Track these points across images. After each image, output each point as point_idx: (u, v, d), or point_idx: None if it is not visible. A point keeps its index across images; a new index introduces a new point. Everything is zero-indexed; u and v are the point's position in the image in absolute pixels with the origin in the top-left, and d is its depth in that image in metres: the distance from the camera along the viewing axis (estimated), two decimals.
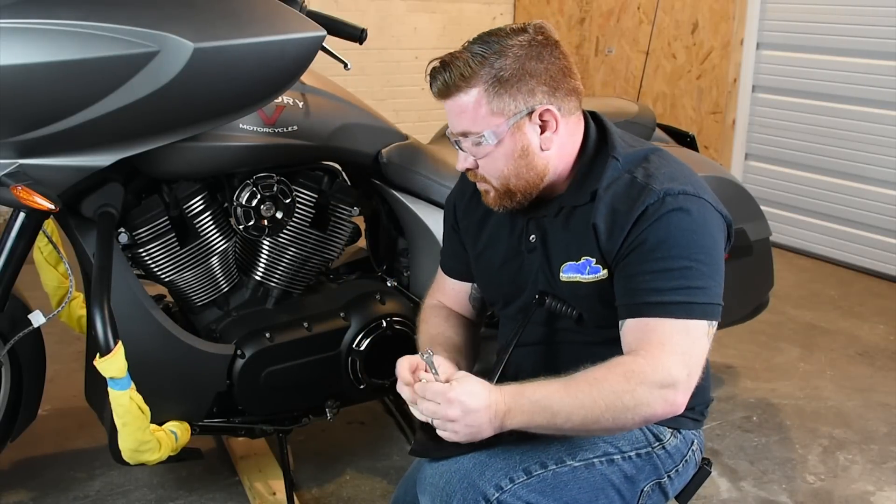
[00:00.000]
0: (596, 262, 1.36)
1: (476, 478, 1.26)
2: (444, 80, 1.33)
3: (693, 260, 1.29)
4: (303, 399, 2.05)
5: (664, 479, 1.44)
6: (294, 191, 1.98)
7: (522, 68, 1.32)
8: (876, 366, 2.94)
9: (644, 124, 2.43)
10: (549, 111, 1.35)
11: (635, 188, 1.34)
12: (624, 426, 1.25)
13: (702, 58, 4.48)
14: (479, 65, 1.31)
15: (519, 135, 1.34)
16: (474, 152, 1.37)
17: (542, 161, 1.37)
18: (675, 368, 1.24)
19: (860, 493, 2.17)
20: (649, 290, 1.29)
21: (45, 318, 1.85)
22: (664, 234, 1.29)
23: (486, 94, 1.31)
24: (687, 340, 1.27)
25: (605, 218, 1.34)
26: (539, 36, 1.35)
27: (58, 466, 2.21)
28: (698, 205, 1.32)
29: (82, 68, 1.46)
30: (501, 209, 1.43)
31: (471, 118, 1.33)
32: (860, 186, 3.94)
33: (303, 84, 1.94)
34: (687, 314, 1.27)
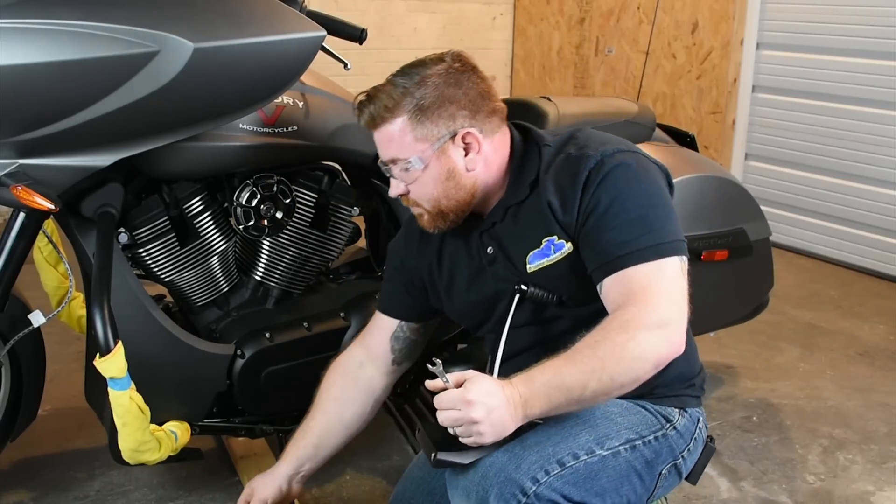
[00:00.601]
0: (558, 238, 1.42)
1: (512, 471, 1.27)
2: (370, 112, 1.42)
3: (647, 206, 1.37)
4: (303, 399, 2.04)
5: (679, 460, 1.48)
6: (294, 191, 1.98)
7: (442, 95, 1.41)
8: (876, 366, 2.94)
9: (644, 124, 2.43)
10: (470, 133, 1.43)
11: (572, 161, 1.43)
12: (639, 376, 1.28)
13: (702, 58, 4.48)
14: (401, 95, 1.40)
15: (444, 158, 1.43)
16: (404, 178, 1.45)
17: (470, 180, 1.46)
18: (664, 307, 1.30)
19: (860, 493, 2.17)
20: (617, 244, 1.35)
21: (45, 318, 1.85)
22: (614, 191, 1.37)
23: (410, 122, 1.41)
24: (665, 279, 1.33)
25: (555, 194, 1.42)
26: (456, 63, 1.44)
27: (58, 466, 2.21)
28: (635, 158, 1.42)
29: (82, 68, 1.46)
30: (436, 230, 1.50)
31: (397, 146, 1.42)
32: (860, 186, 3.94)
33: (303, 84, 1.94)
34: (658, 255, 1.34)
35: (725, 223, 2.37)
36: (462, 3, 5.42)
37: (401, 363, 1.71)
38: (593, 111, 2.36)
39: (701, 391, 1.56)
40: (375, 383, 1.69)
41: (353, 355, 1.70)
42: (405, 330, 1.68)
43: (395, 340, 1.69)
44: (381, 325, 1.69)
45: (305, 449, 1.64)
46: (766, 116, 4.33)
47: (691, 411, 1.51)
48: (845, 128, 3.96)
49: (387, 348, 1.68)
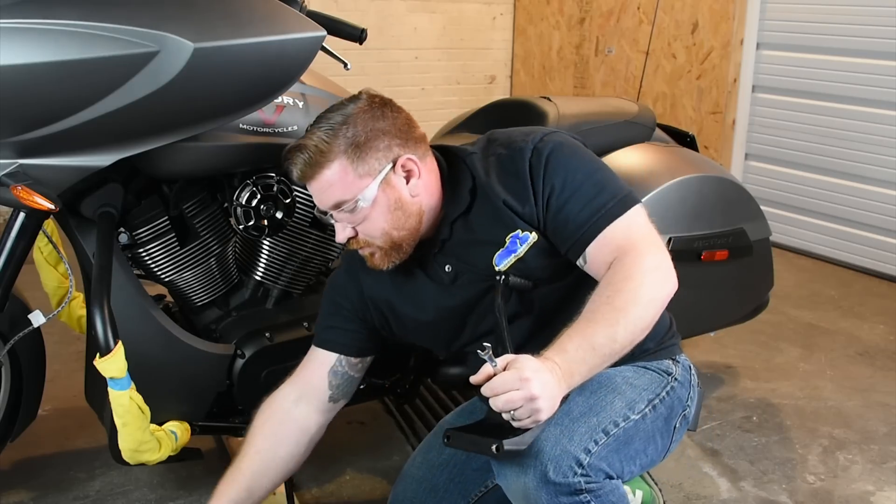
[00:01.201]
0: (523, 231, 1.45)
1: (567, 443, 1.30)
2: (304, 162, 1.43)
3: (593, 171, 1.45)
4: None
5: (687, 410, 1.54)
6: (294, 191, 1.98)
7: (373, 129, 1.43)
8: (876, 366, 2.94)
9: (644, 124, 2.43)
10: (409, 160, 1.46)
11: (506, 158, 1.49)
12: (655, 316, 1.35)
13: (702, 58, 4.48)
14: (332, 138, 1.42)
15: (389, 189, 1.45)
16: (352, 220, 1.46)
17: (416, 206, 1.48)
18: (652, 250, 1.38)
19: (860, 493, 2.17)
20: (585, 214, 1.41)
21: (45, 318, 1.85)
22: (561, 170, 1.44)
23: (349, 160, 1.42)
24: (639, 227, 1.42)
25: (507, 192, 1.46)
26: (375, 99, 1.47)
27: (58, 466, 2.21)
28: (560, 135, 1.50)
29: (82, 68, 1.46)
30: (391, 265, 1.50)
31: (340, 188, 1.43)
32: (860, 186, 3.94)
33: (303, 84, 1.94)
34: (623, 208, 1.42)
35: (725, 223, 2.37)
36: (462, 3, 5.42)
37: (337, 400, 1.66)
38: (593, 111, 2.36)
39: (677, 336, 1.62)
40: (311, 421, 1.64)
41: (287, 393, 1.64)
42: (344, 365, 1.65)
43: (334, 375, 1.65)
44: (319, 359, 1.65)
45: (238, 493, 1.55)
46: (766, 116, 4.33)
47: (681, 359, 1.57)
48: (845, 128, 3.96)
49: (324, 384, 1.64)
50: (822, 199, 4.11)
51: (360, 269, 1.61)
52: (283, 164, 1.47)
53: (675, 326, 1.63)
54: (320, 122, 1.45)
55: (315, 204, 1.50)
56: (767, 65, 4.28)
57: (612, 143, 2.31)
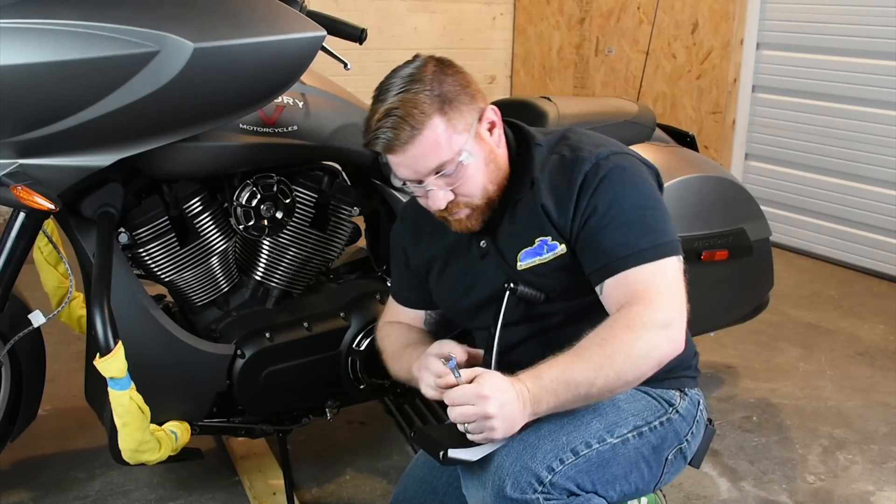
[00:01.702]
0: (552, 239, 1.42)
1: (528, 460, 1.28)
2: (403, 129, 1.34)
3: (644, 207, 1.38)
4: (303, 399, 2.05)
5: (683, 444, 1.49)
6: (294, 191, 1.98)
7: (454, 83, 1.39)
8: (876, 366, 2.94)
9: (644, 124, 2.43)
10: (492, 110, 1.43)
11: (567, 163, 1.43)
12: (643, 374, 1.30)
13: (702, 58, 4.48)
14: (423, 98, 1.34)
15: (481, 142, 1.41)
16: (452, 181, 1.40)
17: (503, 158, 1.46)
18: (667, 306, 1.32)
19: (860, 493, 2.17)
20: (617, 246, 1.35)
21: (45, 318, 1.85)
22: (611, 194, 1.38)
23: (445, 117, 1.36)
24: (666, 279, 1.35)
25: (550, 195, 1.42)
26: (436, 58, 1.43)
27: (58, 466, 2.21)
28: (628, 160, 1.43)
29: (82, 68, 1.46)
30: (481, 224, 1.47)
31: (441, 149, 1.36)
32: (860, 186, 3.94)
33: (303, 84, 1.94)
34: (657, 255, 1.35)
35: (725, 223, 2.37)
36: (462, 3, 5.42)
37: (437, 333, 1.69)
38: (593, 111, 2.36)
39: (697, 372, 1.57)
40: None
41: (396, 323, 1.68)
42: (434, 315, 1.67)
43: (429, 325, 1.68)
44: (409, 315, 1.68)
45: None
46: (766, 116, 4.33)
47: (691, 393, 1.53)
48: (845, 128, 3.96)
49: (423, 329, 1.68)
50: (822, 199, 4.11)
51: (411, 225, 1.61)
52: (366, 139, 1.39)
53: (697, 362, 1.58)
54: (393, 88, 1.36)
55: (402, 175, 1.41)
56: (767, 65, 4.28)
57: None
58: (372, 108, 1.39)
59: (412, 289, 1.67)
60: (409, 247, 1.63)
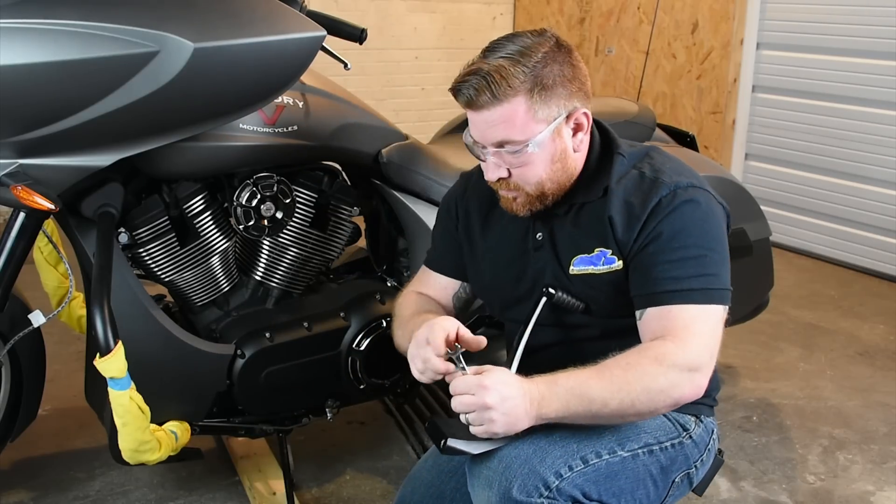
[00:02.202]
0: (611, 253, 1.40)
1: (537, 464, 1.27)
2: (481, 88, 1.30)
3: (707, 248, 1.35)
4: (303, 399, 2.05)
5: (692, 470, 1.48)
6: (294, 191, 1.98)
7: (560, 73, 1.34)
8: (876, 366, 2.94)
9: (644, 124, 2.43)
10: (585, 114, 1.39)
11: (646, 182, 1.39)
12: (656, 410, 1.29)
13: (702, 58, 4.48)
14: (518, 71, 1.30)
15: (558, 139, 1.37)
16: (511, 161, 1.36)
17: (574, 162, 1.41)
18: (700, 351, 1.29)
19: (860, 493, 2.17)
20: (669, 278, 1.33)
21: (45, 318, 1.85)
22: (679, 225, 1.35)
23: (532, 101, 1.31)
24: (707, 325, 1.32)
25: (620, 210, 1.38)
26: (562, 42, 1.37)
27: (58, 466, 2.21)
28: (705, 197, 1.39)
29: (82, 68, 1.46)
30: (528, 213, 1.43)
31: (514, 127, 1.32)
32: (860, 186, 3.94)
33: (303, 84, 1.94)
34: (706, 300, 1.32)
35: None
36: (462, 3, 5.42)
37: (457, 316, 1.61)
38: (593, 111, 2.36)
39: (715, 402, 1.55)
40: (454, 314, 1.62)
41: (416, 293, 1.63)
42: (467, 291, 1.63)
43: (456, 300, 1.64)
44: (441, 284, 1.63)
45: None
46: (766, 116, 4.32)
47: (706, 421, 1.51)
48: (845, 128, 3.96)
49: (450, 307, 1.63)
50: (822, 199, 4.11)
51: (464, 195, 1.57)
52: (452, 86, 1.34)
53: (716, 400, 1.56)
54: (501, 49, 1.32)
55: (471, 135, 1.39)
56: (767, 65, 4.28)
57: None
58: (472, 60, 1.35)
59: (456, 253, 1.61)
60: (470, 209, 1.58)
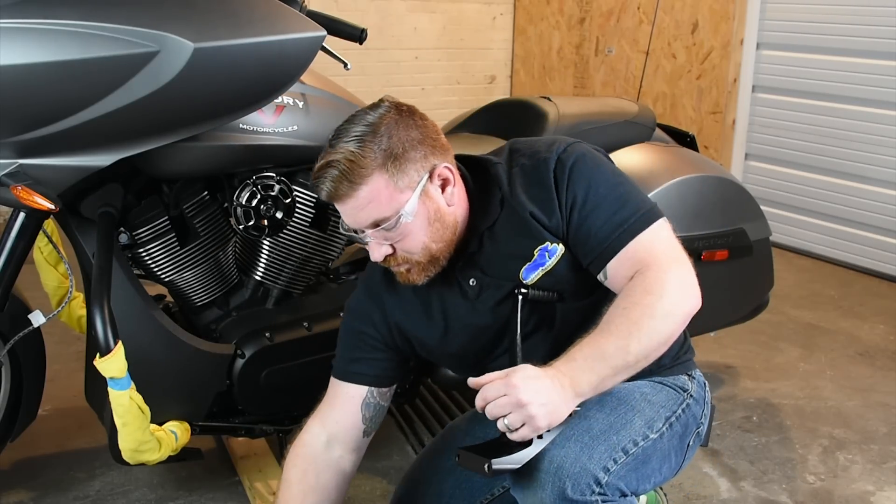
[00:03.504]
0: (551, 244, 1.42)
1: (586, 461, 1.28)
2: (337, 180, 1.32)
3: (616, 184, 1.41)
4: (303, 399, 2.04)
5: (700, 427, 1.51)
6: (294, 191, 1.98)
7: (407, 138, 1.35)
8: (876, 366, 2.94)
9: (644, 124, 2.43)
10: (446, 167, 1.40)
11: (530, 169, 1.44)
12: (673, 332, 1.31)
13: (702, 58, 4.48)
14: (365, 151, 1.32)
15: (428, 201, 1.38)
16: (390, 237, 1.38)
17: (452, 216, 1.42)
18: (674, 266, 1.35)
19: (860, 493, 2.17)
20: (607, 227, 1.38)
21: (45, 318, 1.86)
22: (584, 181, 1.40)
23: (388, 174, 1.33)
24: (662, 243, 1.38)
25: (533, 203, 1.42)
26: (401, 106, 1.39)
27: (58, 466, 2.21)
28: (581, 147, 1.45)
29: (82, 68, 1.46)
30: (426, 279, 1.44)
31: (380, 205, 1.34)
32: (860, 186, 3.94)
33: (303, 84, 1.94)
34: (646, 223, 1.38)
35: (725, 223, 2.37)
36: (462, 3, 5.42)
37: (370, 433, 1.57)
38: (593, 111, 2.36)
39: (693, 351, 1.59)
40: (346, 462, 1.54)
41: (317, 437, 1.54)
42: (375, 396, 1.56)
43: (366, 408, 1.55)
44: (348, 394, 1.54)
45: None
46: (766, 116, 4.32)
47: (696, 374, 1.55)
48: (845, 128, 3.96)
49: (357, 420, 1.54)
50: (822, 199, 4.11)
51: (382, 292, 1.54)
52: (311, 183, 1.38)
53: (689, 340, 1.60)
54: (344, 135, 1.35)
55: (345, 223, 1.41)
56: (767, 65, 4.28)
57: (612, 143, 2.30)
58: (322, 153, 1.37)
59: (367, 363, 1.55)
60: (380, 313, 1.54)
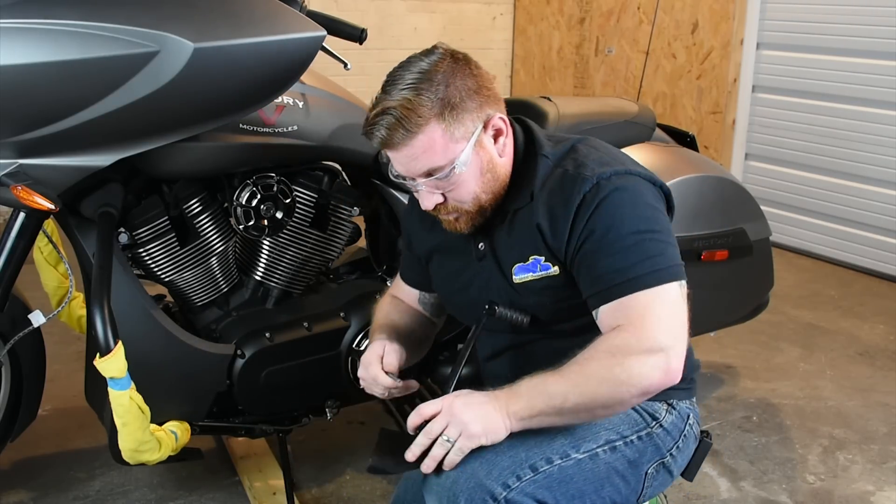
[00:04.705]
0: (545, 259, 1.39)
1: (483, 477, 1.26)
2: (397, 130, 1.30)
3: (643, 231, 1.31)
4: (303, 399, 2.05)
5: (667, 458, 1.45)
6: (294, 191, 1.98)
7: (464, 87, 1.32)
8: (876, 366, 2.94)
9: (644, 124, 2.43)
10: (501, 118, 1.38)
11: (568, 180, 1.37)
12: (623, 400, 1.25)
13: (702, 58, 4.48)
14: (422, 100, 1.29)
15: (482, 151, 1.36)
16: (442, 186, 1.36)
17: (503, 168, 1.41)
18: (661, 335, 1.25)
19: (860, 493, 2.17)
20: (613, 272, 1.30)
21: (45, 318, 1.85)
22: (609, 218, 1.32)
23: (445, 123, 1.31)
24: (664, 306, 1.28)
25: (546, 216, 1.37)
26: (456, 55, 1.36)
27: (58, 466, 2.21)
28: (631, 180, 1.36)
29: (82, 68, 1.46)
30: (472, 229, 1.43)
31: (435, 154, 1.32)
32: (860, 186, 3.94)
33: (303, 84, 1.94)
34: (656, 281, 1.29)
35: (725, 223, 2.37)
36: (462, 3, 5.42)
37: (438, 316, 1.70)
38: (593, 111, 2.36)
39: (692, 384, 1.52)
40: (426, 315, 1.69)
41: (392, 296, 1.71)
42: (428, 297, 1.67)
43: (423, 305, 1.68)
44: (406, 291, 1.69)
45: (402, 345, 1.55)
46: (766, 116, 4.33)
47: (680, 406, 1.48)
48: (845, 128, 3.96)
49: (419, 308, 1.69)
50: (822, 199, 4.11)
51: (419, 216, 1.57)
52: (364, 130, 1.34)
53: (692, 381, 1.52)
54: (400, 81, 1.31)
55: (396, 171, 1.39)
56: (767, 65, 4.28)
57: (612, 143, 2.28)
58: (376, 98, 1.34)
59: (414, 269, 1.66)
60: (414, 233, 1.62)
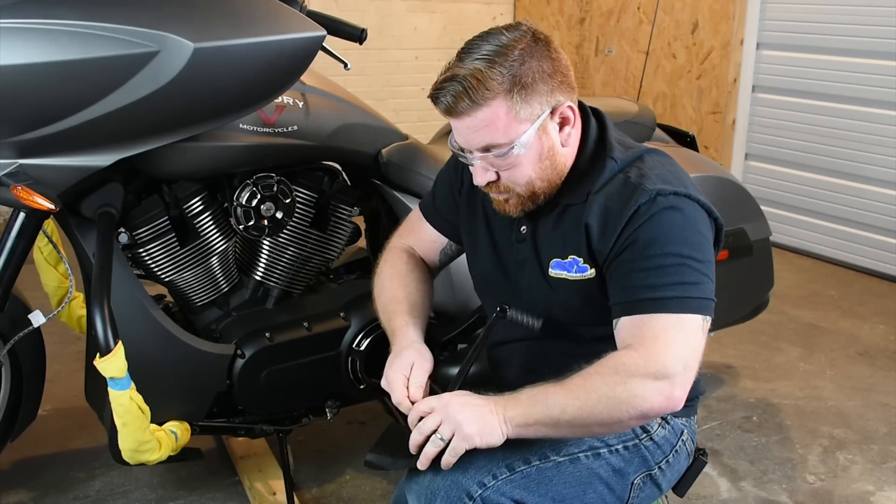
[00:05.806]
0: (584, 261, 1.37)
1: (459, 475, 1.27)
2: (462, 99, 1.26)
3: (685, 256, 1.29)
4: (303, 399, 2.05)
5: (654, 471, 1.43)
6: (294, 191, 1.98)
7: (539, 69, 1.29)
8: (876, 366, 2.94)
9: (644, 124, 2.43)
10: (570, 107, 1.34)
11: (628, 188, 1.34)
12: (620, 420, 1.23)
13: (702, 58, 4.48)
14: (494, 73, 1.26)
15: (544, 137, 1.33)
16: (498, 164, 1.33)
17: (563, 158, 1.37)
18: (670, 361, 1.23)
19: (860, 493, 2.17)
20: (643, 286, 1.28)
21: (45, 318, 1.85)
22: (656, 232, 1.29)
23: (512, 102, 1.27)
24: (682, 334, 1.26)
25: (598, 218, 1.34)
26: (538, 34, 1.34)
27: (58, 466, 2.21)
28: (689, 204, 1.33)
29: (82, 68, 1.46)
30: (521, 213, 1.41)
31: (496, 130, 1.29)
32: (860, 186, 3.94)
33: (303, 84, 1.94)
34: (681, 308, 1.26)
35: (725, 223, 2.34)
36: (462, 3, 5.42)
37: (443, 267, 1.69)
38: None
39: (693, 401, 1.50)
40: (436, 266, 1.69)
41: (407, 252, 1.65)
42: (453, 249, 1.64)
43: (443, 255, 1.65)
44: (431, 237, 1.64)
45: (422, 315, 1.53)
46: (766, 116, 4.33)
47: (674, 423, 1.46)
48: (845, 128, 3.96)
49: (434, 258, 1.66)
50: (822, 199, 4.11)
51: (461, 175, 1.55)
52: (430, 94, 1.31)
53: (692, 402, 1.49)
54: (476, 51, 1.28)
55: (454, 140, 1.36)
56: (767, 65, 4.28)
57: None
58: (448, 63, 1.31)
59: (452, 212, 1.60)
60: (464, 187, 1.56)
